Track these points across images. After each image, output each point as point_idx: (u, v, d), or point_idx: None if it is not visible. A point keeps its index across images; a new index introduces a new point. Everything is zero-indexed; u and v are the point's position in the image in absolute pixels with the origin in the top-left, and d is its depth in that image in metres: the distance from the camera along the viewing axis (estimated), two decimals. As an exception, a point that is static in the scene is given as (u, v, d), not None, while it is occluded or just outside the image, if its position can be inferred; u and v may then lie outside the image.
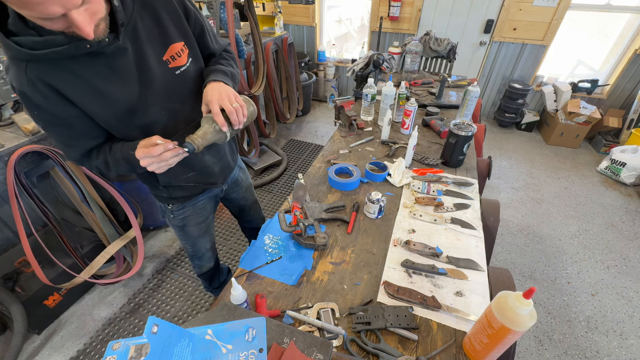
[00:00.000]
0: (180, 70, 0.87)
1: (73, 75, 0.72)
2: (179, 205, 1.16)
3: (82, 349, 1.69)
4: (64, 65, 0.70)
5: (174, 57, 0.85)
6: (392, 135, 1.70)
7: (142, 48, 0.79)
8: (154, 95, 0.84)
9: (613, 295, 2.02)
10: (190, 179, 1.07)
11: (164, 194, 1.10)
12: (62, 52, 0.66)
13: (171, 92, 0.88)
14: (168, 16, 0.83)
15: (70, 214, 1.94)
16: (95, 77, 0.74)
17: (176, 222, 1.22)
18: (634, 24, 3.23)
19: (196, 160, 1.03)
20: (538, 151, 3.58)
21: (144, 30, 0.79)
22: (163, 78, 0.84)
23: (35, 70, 0.69)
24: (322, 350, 0.66)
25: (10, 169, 1.37)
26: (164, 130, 0.90)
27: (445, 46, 2.47)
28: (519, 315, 0.61)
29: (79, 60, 0.71)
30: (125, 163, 0.84)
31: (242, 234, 2.39)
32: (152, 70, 0.82)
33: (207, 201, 1.24)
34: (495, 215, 1.24)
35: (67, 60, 0.70)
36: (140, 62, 0.79)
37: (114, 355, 0.51)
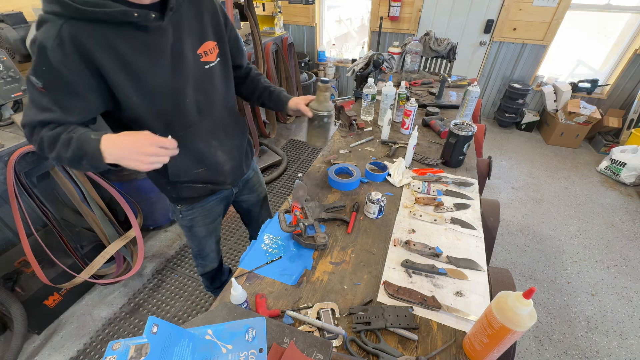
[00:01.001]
0: (209, 65, 0.93)
1: (108, 43, 0.73)
2: (188, 206, 1.17)
3: (82, 349, 1.69)
4: (103, 32, 0.72)
5: (206, 52, 0.92)
6: (392, 135, 1.70)
7: (181, 36, 0.84)
8: (182, 82, 0.87)
9: (613, 295, 2.02)
10: (199, 175, 1.06)
11: (172, 193, 1.10)
12: (110, 14, 0.69)
13: (198, 84, 0.92)
14: (208, 16, 0.91)
15: (70, 214, 1.94)
16: (129, 50, 0.76)
17: (184, 222, 1.23)
18: (634, 24, 3.23)
19: (209, 156, 1.04)
20: (538, 151, 3.58)
21: (187, 21, 0.86)
22: (193, 69, 0.89)
23: (73, 30, 0.69)
24: (322, 350, 0.66)
25: (10, 169, 1.37)
26: (180, 118, 0.92)
27: (445, 46, 2.48)
28: (519, 315, 0.61)
29: (119, 30, 0.73)
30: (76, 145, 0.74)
31: (242, 234, 2.39)
32: (186, 58, 0.86)
33: (216, 203, 1.24)
34: (495, 215, 1.24)
35: (108, 27, 0.72)
36: (176, 47, 0.84)
37: (114, 355, 0.51)
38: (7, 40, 1.59)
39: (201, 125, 0.98)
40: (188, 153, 0.98)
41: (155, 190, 2.15)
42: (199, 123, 0.97)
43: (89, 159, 0.74)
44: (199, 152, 1.00)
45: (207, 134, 1.01)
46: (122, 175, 1.97)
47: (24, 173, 1.46)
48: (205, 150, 1.02)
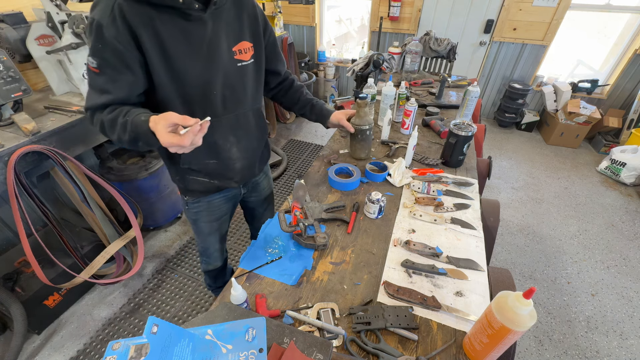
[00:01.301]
0: (242, 64, 0.98)
1: (151, 24, 0.79)
2: (194, 198, 1.19)
3: (82, 349, 1.69)
4: (148, 13, 0.78)
5: (241, 51, 0.97)
6: (392, 135, 1.70)
7: (219, 32, 0.89)
8: (211, 73, 0.92)
9: (613, 295, 2.02)
10: (209, 167, 1.08)
11: (180, 184, 1.13)
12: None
13: (227, 79, 0.96)
14: (248, 19, 0.98)
15: (70, 214, 1.94)
16: (169, 34, 0.81)
17: (190, 215, 1.26)
18: (634, 24, 3.23)
19: (223, 150, 1.06)
20: (538, 151, 3.58)
21: (227, 19, 0.92)
22: (227, 64, 0.94)
23: (124, 6, 0.76)
24: (322, 350, 0.66)
25: (10, 169, 1.37)
26: (205, 107, 0.95)
27: (445, 46, 2.48)
28: (519, 315, 0.61)
29: (162, 14, 0.79)
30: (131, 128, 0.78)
31: (242, 234, 2.39)
32: (220, 52, 0.91)
33: (223, 201, 1.25)
34: (495, 215, 1.24)
35: (153, 9, 0.78)
36: (213, 41, 0.89)
37: (114, 355, 0.51)
38: (7, 40, 1.59)
39: (224, 119, 1.01)
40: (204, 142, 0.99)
41: (155, 190, 2.15)
42: (222, 117, 1.00)
43: (144, 141, 0.79)
44: (215, 144, 1.04)
45: (227, 129, 1.04)
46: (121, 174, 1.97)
47: (24, 173, 1.46)
48: (222, 143, 1.05)
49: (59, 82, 1.81)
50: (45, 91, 1.92)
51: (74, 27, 1.56)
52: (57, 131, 1.54)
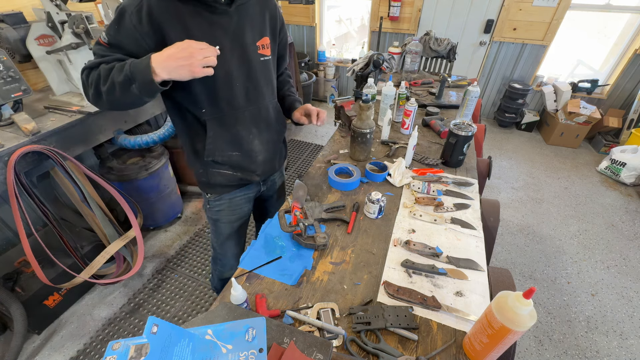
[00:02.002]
0: (264, 58, 1.03)
1: (179, 18, 0.84)
2: (216, 196, 1.21)
3: (82, 349, 1.69)
4: (177, 7, 0.83)
5: (264, 46, 1.01)
6: (392, 135, 1.70)
7: (243, 25, 0.94)
8: (234, 65, 0.95)
9: (613, 295, 2.02)
10: (232, 159, 1.10)
11: (203, 177, 1.15)
12: None
13: (250, 72, 1.00)
14: (269, 18, 1.03)
15: (70, 214, 1.94)
16: (195, 26, 0.86)
17: (211, 214, 1.27)
18: (634, 24, 3.23)
19: (246, 142, 1.09)
20: (538, 151, 3.58)
21: (252, 14, 0.96)
22: (250, 57, 0.98)
23: (152, 3, 0.80)
24: (322, 350, 0.66)
25: (10, 169, 1.37)
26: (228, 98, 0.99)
27: (445, 46, 2.47)
28: (519, 315, 0.61)
29: (190, 8, 0.84)
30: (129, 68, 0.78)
31: (242, 234, 2.39)
32: (244, 45, 0.95)
33: (244, 201, 1.27)
34: (495, 215, 1.24)
35: (181, 4, 0.83)
36: (237, 34, 0.93)
37: (114, 355, 0.51)
38: (7, 40, 1.59)
39: (246, 111, 1.04)
40: (227, 134, 1.05)
41: (155, 190, 2.15)
42: (245, 109, 1.04)
43: (140, 80, 0.77)
44: (238, 135, 1.06)
45: (249, 121, 1.07)
46: (121, 174, 1.97)
47: (24, 173, 1.46)
48: (245, 135, 1.08)
49: (59, 82, 1.81)
50: (45, 91, 1.92)
51: (74, 27, 1.56)
52: (57, 131, 1.54)
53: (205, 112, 0.99)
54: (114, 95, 0.82)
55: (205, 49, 0.78)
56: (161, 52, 0.77)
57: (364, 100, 1.30)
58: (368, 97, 1.33)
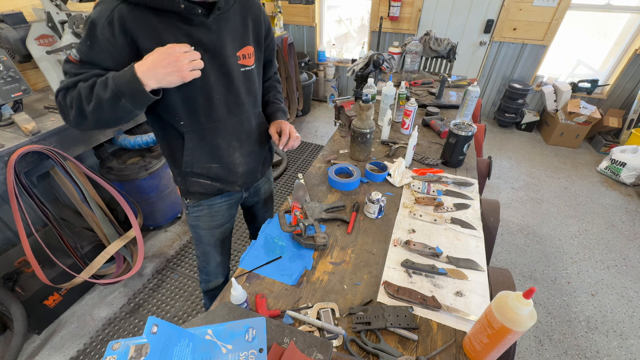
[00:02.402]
0: (245, 69, 0.98)
1: (153, 29, 0.78)
2: (194, 201, 1.16)
3: (82, 349, 1.69)
4: (150, 18, 0.77)
5: (245, 56, 0.96)
6: (392, 135, 1.70)
7: (223, 36, 0.89)
8: (215, 78, 0.91)
9: (613, 295, 2.02)
10: (212, 170, 1.06)
11: (181, 185, 1.11)
12: (158, 2, 0.75)
13: (231, 84, 0.96)
14: (252, 24, 0.97)
15: (70, 214, 1.94)
16: (171, 39, 0.79)
17: (190, 220, 1.22)
18: (634, 24, 3.23)
19: (226, 154, 1.05)
20: (538, 151, 3.58)
21: (233, 24, 0.91)
22: (230, 69, 0.93)
23: (123, 12, 0.75)
24: (322, 350, 0.66)
25: (10, 169, 1.37)
26: (207, 111, 0.95)
27: (445, 46, 2.47)
28: (519, 315, 0.61)
29: (164, 19, 0.78)
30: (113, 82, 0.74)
31: (242, 234, 2.39)
32: (224, 57, 0.91)
33: (225, 207, 1.21)
34: (495, 215, 1.24)
35: (155, 14, 0.77)
36: (216, 46, 0.88)
37: (114, 355, 0.51)
38: (7, 40, 1.59)
39: (227, 123, 1.00)
40: (207, 146, 1.01)
41: (155, 190, 2.15)
42: (226, 121, 1.00)
43: (129, 93, 0.74)
44: (218, 147, 1.03)
45: (230, 133, 1.03)
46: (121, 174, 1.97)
47: (24, 173, 1.46)
48: (225, 148, 1.04)
49: (59, 82, 1.80)
50: (45, 91, 1.92)
51: (74, 27, 1.56)
52: (57, 131, 1.54)
53: (184, 124, 0.95)
54: (102, 114, 0.77)
55: (189, 52, 0.76)
56: (143, 61, 0.74)
57: (364, 100, 1.30)
58: (368, 97, 1.32)
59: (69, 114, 0.80)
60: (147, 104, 0.79)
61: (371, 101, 1.77)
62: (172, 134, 0.99)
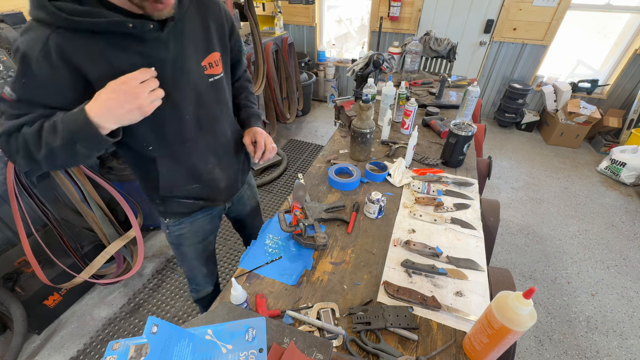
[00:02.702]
0: (214, 78, 0.88)
1: (101, 56, 0.67)
2: (175, 220, 1.08)
3: (82, 349, 1.69)
4: (95, 43, 0.66)
5: (211, 64, 0.86)
6: (392, 135, 1.70)
7: (184, 48, 0.78)
8: (181, 95, 0.82)
9: (613, 295, 2.02)
10: (192, 192, 1.00)
11: (160, 207, 1.03)
12: (101, 25, 0.63)
13: (200, 99, 0.86)
14: (214, 26, 0.86)
15: (70, 214, 1.94)
16: (124, 63, 0.69)
17: (171, 239, 1.14)
18: (634, 24, 3.23)
19: (205, 172, 0.98)
20: (538, 151, 3.58)
21: (191, 32, 0.79)
22: (196, 82, 0.84)
23: (61, 40, 0.63)
24: (322, 350, 0.66)
25: (10, 169, 1.37)
26: (177, 132, 0.87)
27: (445, 46, 2.48)
28: (519, 315, 0.61)
29: (112, 41, 0.67)
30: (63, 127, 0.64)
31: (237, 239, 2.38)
32: (188, 71, 0.81)
33: (207, 221, 1.15)
34: (495, 215, 1.24)
35: (100, 38, 0.66)
36: (177, 60, 0.78)
37: (114, 355, 0.51)
38: (7, 40, 1.59)
39: (200, 140, 0.92)
40: (182, 168, 0.94)
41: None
42: (199, 138, 0.92)
43: (83, 138, 0.65)
44: (195, 168, 0.95)
45: (205, 150, 0.95)
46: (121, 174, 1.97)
47: (24, 173, 1.46)
48: (202, 166, 0.97)
49: None
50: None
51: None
52: (57, 131, 1.54)
53: (153, 149, 0.86)
54: (56, 161, 0.69)
55: (146, 81, 0.67)
56: (96, 102, 0.64)
57: (364, 100, 1.30)
58: (368, 97, 1.32)
59: (17, 160, 0.70)
60: (107, 147, 0.70)
61: (371, 101, 1.77)
62: (142, 160, 0.90)
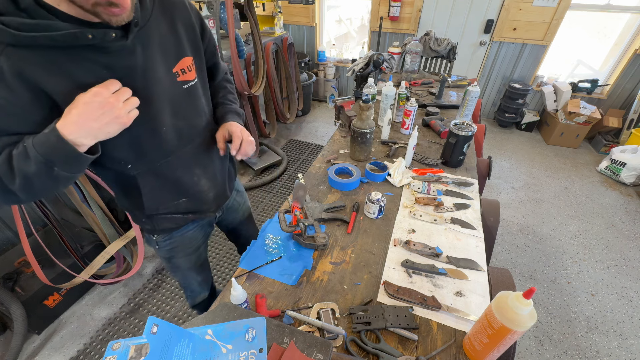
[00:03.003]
0: (188, 85, 0.82)
1: (61, 71, 0.60)
2: (165, 236, 1.04)
3: (82, 349, 1.69)
4: (53, 58, 0.59)
5: (184, 70, 0.79)
6: (392, 135, 1.70)
7: (153, 55, 0.71)
8: (157, 108, 0.75)
9: (613, 295, 2.02)
10: (180, 206, 0.95)
11: (147, 225, 0.97)
12: (56, 39, 0.56)
13: (176, 108, 0.80)
14: (183, 28, 0.79)
15: (70, 214, 1.94)
16: (88, 77, 0.62)
17: (163, 254, 1.10)
18: (634, 24, 3.23)
19: (191, 185, 0.93)
20: (538, 151, 3.58)
21: (158, 37, 0.73)
22: (170, 91, 0.77)
23: (14, 59, 0.56)
24: (322, 350, 0.66)
25: (10, 169, 1.37)
26: (157, 147, 0.81)
27: (445, 46, 2.48)
28: (519, 315, 0.61)
29: (72, 54, 0.60)
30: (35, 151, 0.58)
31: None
32: (160, 81, 0.74)
33: (198, 230, 1.11)
34: (495, 215, 1.24)
35: (58, 52, 0.59)
36: (147, 70, 0.71)
37: (114, 355, 0.51)
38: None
39: (182, 152, 0.87)
40: (167, 183, 0.89)
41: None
42: (180, 151, 0.86)
43: (61, 160, 0.59)
44: (180, 182, 0.90)
45: (189, 162, 0.90)
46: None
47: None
48: (187, 179, 0.92)
49: None
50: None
51: None
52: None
53: (132, 167, 0.80)
54: (34, 188, 0.63)
55: (119, 91, 0.62)
56: (66, 117, 0.58)
57: (364, 100, 1.30)
58: (368, 97, 1.32)
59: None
60: (87, 165, 0.65)
61: (371, 101, 1.77)
62: (122, 178, 0.84)
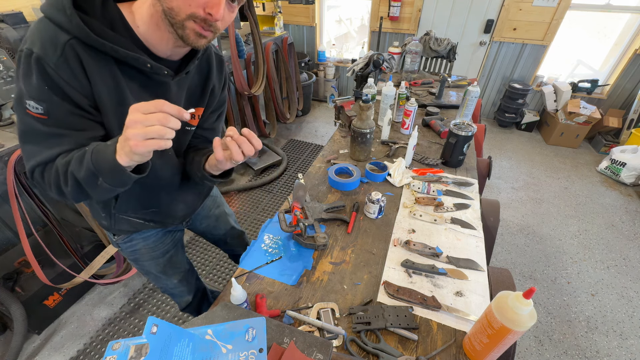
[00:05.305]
0: (190, 128, 0.89)
1: (114, 81, 0.66)
2: (124, 237, 1.01)
3: (82, 349, 1.69)
4: (111, 68, 0.65)
5: (193, 116, 0.87)
6: (392, 135, 1.70)
7: (181, 97, 0.81)
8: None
9: (613, 295, 2.02)
10: (147, 215, 0.96)
11: (104, 221, 0.94)
12: (123, 55, 0.63)
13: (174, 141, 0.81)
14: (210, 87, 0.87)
15: (70, 214, 1.94)
16: (130, 91, 0.69)
17: (126, 255, 1.07)
18: (634, 24, 3.23)
19: (166, 202, 0.96)
20: (538, 151, 3.58)
21: (191, 84, 0.82)
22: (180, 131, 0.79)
23: (79, 49, 0.60)
24: (322, 350, 0.66)
25: (10, 169, 1.37)
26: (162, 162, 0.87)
27: (445, 46, 2.48)
28: (519, 315, 0.61)
29: (127, 72, 0.68)
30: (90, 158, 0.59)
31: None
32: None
33: (162, 235, 1.08)
34: (495, 215, 1.24)
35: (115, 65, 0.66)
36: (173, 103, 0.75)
37: (114, 355, 0.51)
38: (7, 40, 1.59)
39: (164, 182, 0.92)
40: (145, 195, 0.91)
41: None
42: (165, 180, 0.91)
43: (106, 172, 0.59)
44: (157, 197, 0.94)
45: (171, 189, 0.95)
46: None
47: (24, 173, 1.46)
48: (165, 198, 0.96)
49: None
50: (45, 91, 1.92)
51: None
52: (57, 131, 1.54)
53: None
54: (83, 195, 0.65)
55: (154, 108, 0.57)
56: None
57: (364, 100, 1.30)
58: (368, 97, 1.32)
59: (48, 192, 0.68)
60: (131, 183, 0.64)
61: (371, 101, 1.77)
62: None
